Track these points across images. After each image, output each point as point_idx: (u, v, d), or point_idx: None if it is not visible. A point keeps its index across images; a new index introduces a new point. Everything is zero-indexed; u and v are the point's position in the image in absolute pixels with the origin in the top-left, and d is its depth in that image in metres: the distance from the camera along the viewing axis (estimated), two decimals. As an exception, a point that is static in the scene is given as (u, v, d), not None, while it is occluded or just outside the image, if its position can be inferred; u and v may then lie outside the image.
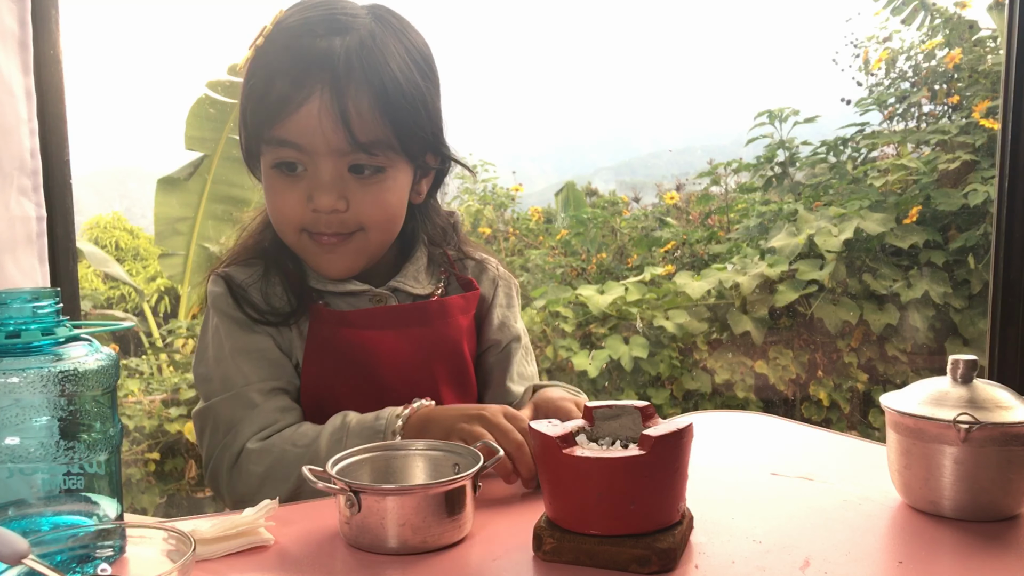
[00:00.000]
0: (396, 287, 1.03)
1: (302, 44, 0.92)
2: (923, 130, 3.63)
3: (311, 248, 0.98)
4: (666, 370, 3.22)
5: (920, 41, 3.74)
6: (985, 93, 3.39)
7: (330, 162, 0.93)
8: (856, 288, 3.24)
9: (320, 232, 0.96)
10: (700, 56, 59.70)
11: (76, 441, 0.64)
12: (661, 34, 59.72)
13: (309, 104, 0.90)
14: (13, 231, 1.58)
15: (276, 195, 0.97)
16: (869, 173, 3.57)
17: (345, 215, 0.95)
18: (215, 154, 3.80)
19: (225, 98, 3.75)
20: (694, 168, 4.08)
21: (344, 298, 1.02)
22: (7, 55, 1.55)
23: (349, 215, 0.95)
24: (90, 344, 0.67)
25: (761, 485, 0.83)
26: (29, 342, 0.63)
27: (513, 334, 1.11)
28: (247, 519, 0.70)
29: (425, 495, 0.67)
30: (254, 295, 1.00)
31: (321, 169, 0.93)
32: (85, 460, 0.65)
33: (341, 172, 0.94)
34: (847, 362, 3.22)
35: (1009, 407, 0.72)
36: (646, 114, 29.58)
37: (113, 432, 0.68)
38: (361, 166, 0.94)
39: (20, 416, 0.62)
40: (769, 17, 59.35)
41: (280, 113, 0.91)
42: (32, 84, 1.60)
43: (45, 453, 0.63)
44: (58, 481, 0.64)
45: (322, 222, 0.95)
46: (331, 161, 0.93)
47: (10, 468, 0.63)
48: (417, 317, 1.01)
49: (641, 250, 3.85)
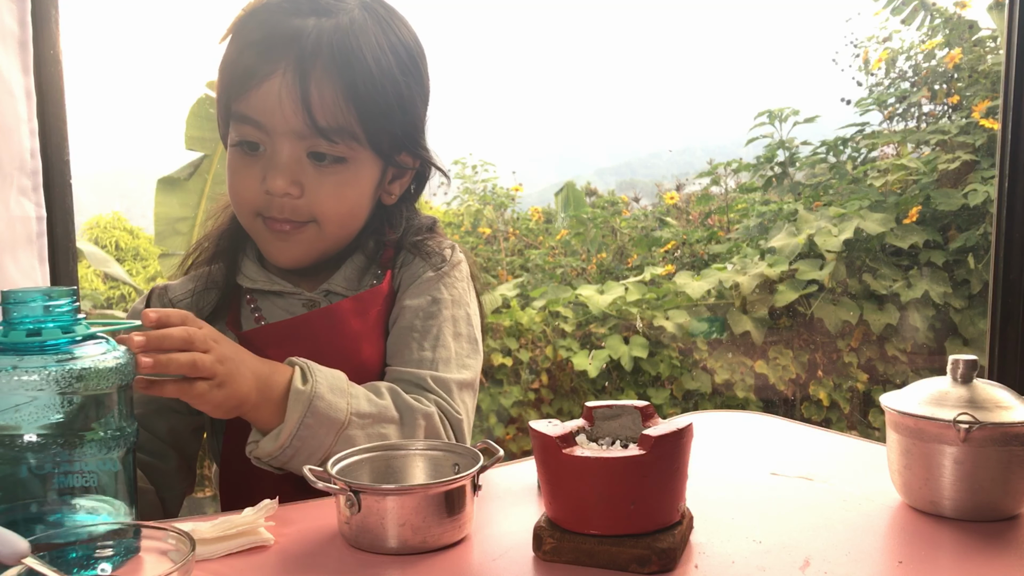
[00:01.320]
0: (328, 290, 1.00)
1: (276, 20, 0.90)
2: (923, 130, 3.63)
3: (264, 233, 0.95)
4: (666, 370, 3.22)
5: (920, 41, 3.74)
6: (985, 93, 3.39)
7: (288, 144, 0.90)
8: (856, 288, 3.24)
9: (272, 216, 0.93)
10: (700, 56, 58.79)
11: (93, 439, 0.65)
12: (661, 34, 58.86)
13: (272, 80, 0.88)
14: (13, 231, 1.58)
15: (233, 174, 0.95)
16: (869, 173, 3.57)
17: (298, 202, 0.92)
18: (215, 154, 3.80)
19: (225, 98, 3.74)
20: (694, 168, 4.08)
21: (273, 299, 1.00)
22: (7, 55, 1.55)
23: (302, 202, 0.92)
24: (107, 343, 0.68)
25: (761, 485, 0.83)
26: (47, 340, 0.64)
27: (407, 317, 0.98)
28: (246, 519, 0.70)
29: (425, 495, 0.67)
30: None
31: (279, 150, 0.91)
32: (102, 458, 0.65)
33: (299, 156, 0.91)
34: (847, 362, 3.21)
35: (1009, 407, 0.72)
36: (646, 114, 29.20)
37: (129, 430, 0.68)
38: (322, 154, 0.91)
39: (38, 413, 0.63)
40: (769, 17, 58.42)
41: (244, 86, 0.89)
42: (32, 84, 1.60)
43: (62, 450, 0.63)
44: (74, 479, 0.65)
45: (275, 206, 0.92)
46: (289, 143, 0.90)
47: (27, 465, 0.63)
48: (303, 331, 0.95)
49: (641, 250, 3.85)
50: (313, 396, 0.81)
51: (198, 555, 0.66)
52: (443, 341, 0.97)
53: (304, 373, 0.83)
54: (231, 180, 0.95)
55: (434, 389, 0.93)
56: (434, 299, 0.99)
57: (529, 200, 4.71)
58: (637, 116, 56.45)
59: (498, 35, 69.34)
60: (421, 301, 0.98)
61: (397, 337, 0.98)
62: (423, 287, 0.99)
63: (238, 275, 1.01)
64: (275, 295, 1.00)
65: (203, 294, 1.01)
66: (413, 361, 0.95)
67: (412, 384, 0.93)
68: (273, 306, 1.00)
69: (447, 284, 1.01)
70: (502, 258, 4.06)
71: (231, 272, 1.02)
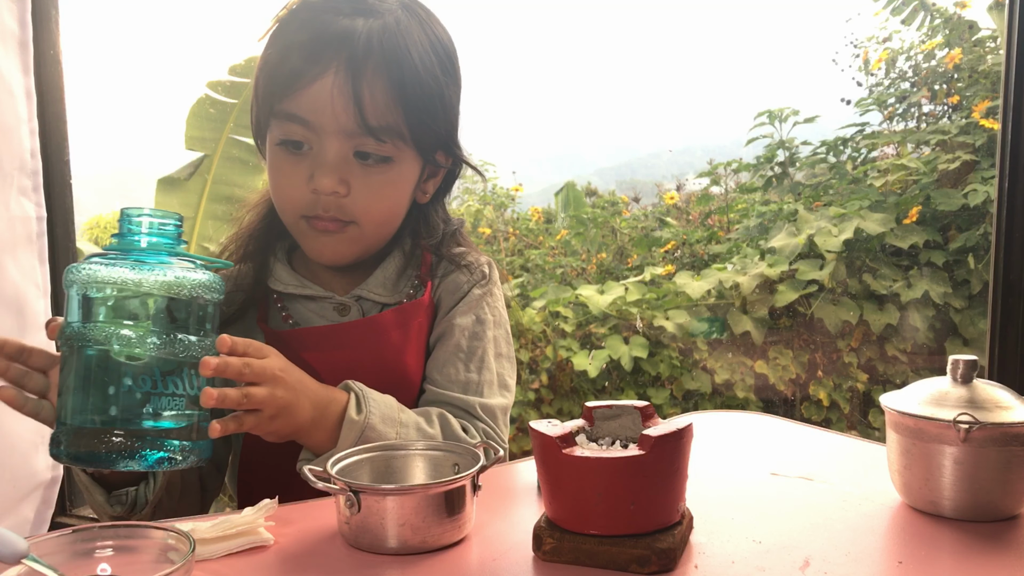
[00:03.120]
0: (360, 295, 1.00)
1: (324, 20, 0.90)
2: (923, 130, 3.63)
3: (308, 232, 0.96)
4: (666, 370, 3.22)
5: (920, 41, 3.74)
6: (985, 93, 3.39)
7: (336, 142, 0.91)
8: (856, 288, 3.24)
9: (317, 216, 0.94)
10: (700, 56, 58.62)
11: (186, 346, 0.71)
12: (661, 34, 58.69)
13: (323, 79, 0.89)
14: (13, 231, 1.58)
15: (278, 173, 0.95)
16: (869, 173, 3.57)
17: (344, 200, 0.93)
18: (215, 154, 3.80)
19: (225, 98, 3.75)
20: (694, 168, 4.08)
21: (304, 302, 1.00)
22: (7, 55, 1.55)
23: (347, 201, 0.93)
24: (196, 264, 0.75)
25: (761, 485, 0.83)
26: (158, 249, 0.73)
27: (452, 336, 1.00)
28: (246, 519, 0.70)
29: (425, 495, 0.67)
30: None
31: (326, 148, 0.91)
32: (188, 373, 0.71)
33: (346, 155, 0.92)
34: (847, 362, 3.21)
35: (1009, 407, 0.72)
36: (646, 114, 28.87)
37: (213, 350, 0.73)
38: (366, 153, 0.92)
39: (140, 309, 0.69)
40: (769, 17, 58.47)
41: (292, 86, 0.90)
42: (32, 84, 1.60)
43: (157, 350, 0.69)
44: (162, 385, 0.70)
45: (320, 204, 0.93)
46: (337, 141, 0.91)
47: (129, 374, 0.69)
48: (343, 339, 0.96)
49: (641, 250, 3.85)
50: (365, 427, 0.84)
51: (198, 555, 0.66)
52: (487, 363, 1.01)
53: (359, 402, 0.86)
54: (275, 179, 0.96)
55: (482, 417, 0.97)
56: (478, 319, 1.02)
57: (529, 200, 4.71)
58: (637, 116, 55.57)
59: (498, 35, 68.78)
60: (467, 321, 1.01)
61: (443, 355, 1.00)
62: (470, 305, 1.02)
63: (269, 278, 1.02)
64: (305, 299, 1.01)
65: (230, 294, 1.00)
66: (459, 383, 0.99)
67: (461, 410, 0.96)
68: (304, 309, 1.00)
69: (489, 304, 1.04)
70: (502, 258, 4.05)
71: (260, 274, 1.02)
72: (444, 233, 1.06)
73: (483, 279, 1.04)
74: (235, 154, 3.77)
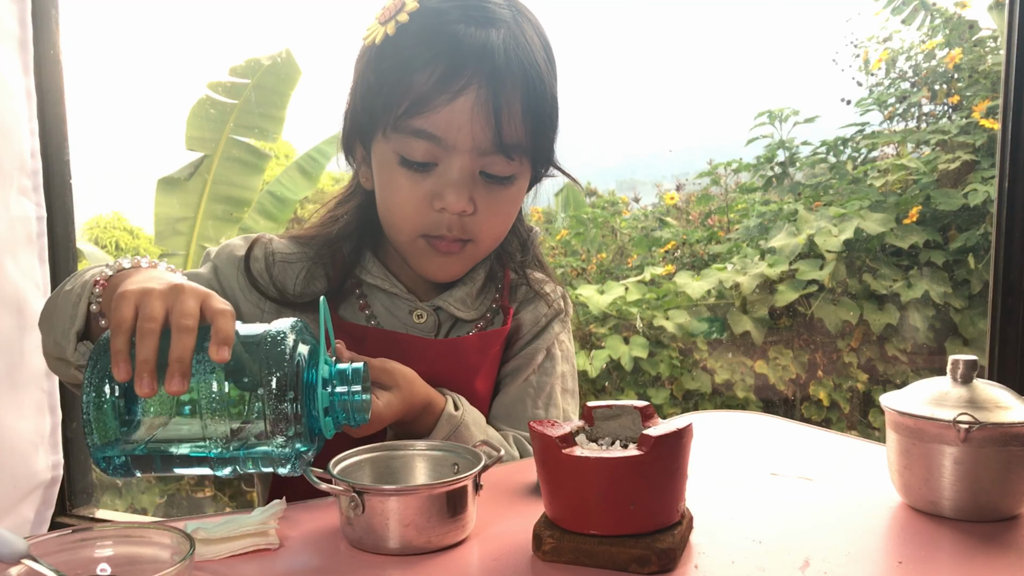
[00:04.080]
0: (440, 305, 0.99)
1: (454, 32, 0.85)
2: (923, 130, 3.63)
3: (426, 251, 0.93)
4: (666, 370, 3.22)
5: (920, 41, 3.74)
6: (985, 93, 3.39)
7: (466, 160, 0.87)
8: (856, 288, 3.24)
9: (440, 235, 0.90)
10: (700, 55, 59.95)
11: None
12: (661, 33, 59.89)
13: (464, 97, 0.84)
14: (13, 231, 1.58)
15: (397, 191, 0.90)
16: (869, 173, 3.57)
17: (468, 219, 0.90)
18: (215, 154, 3.80)
19: (225, 98, 3.75)
20: (694, 168, 4.07)
21: (382, 297, 0.99)
22: (7, 55, 1.55)
23: (471, 220, 0.90)
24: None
25: (761, 485, 0.83)
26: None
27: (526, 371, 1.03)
28: (255, 520, 0.69)
29: (429, 495, 0.67)
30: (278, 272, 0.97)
31: (454, 167, 0.87)
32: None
33: (473, 173, 0.88)
34: (847, 362, 3.21)
35: (1009, 407, 0.72)
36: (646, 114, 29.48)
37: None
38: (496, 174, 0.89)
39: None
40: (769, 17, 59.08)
41: (428, 103, 0.84)
42: (32, 84, 1.61)
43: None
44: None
45: (444, 223, 0.89)
46: (468, 160, 0.87)
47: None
48: (423, 352, 0.95)
49: (641, 250, 3.85)
50: (460, 423, 0.89)
51: (203, 555, 0.66)
52: (555, 400, 1.03)
53: (456, 403, 0.91)
54: (393, 197, 0.91)
55: None
56: (550, 354, 1.04)
57: (529, 200, 4.70)
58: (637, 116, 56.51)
59: (498, 35, 68.97)
60: (540, 355, 1.03)
61: (513, 387, 1.02)
62: (546, 339, 1.04)
63: (358, 267, 0.99)
64: (384, 292, 0.99)
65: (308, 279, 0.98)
66: (527, 419, 1.00)
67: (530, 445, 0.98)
68: (380, 303, 0.99)
69: (561, 340, 1.06)
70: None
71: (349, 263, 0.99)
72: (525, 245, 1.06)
73: (561, 313, 1.06)
74: (235, 154, 3.77)
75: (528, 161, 0.91)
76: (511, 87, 0.85)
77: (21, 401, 1.55)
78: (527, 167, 0.92)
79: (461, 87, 0.84)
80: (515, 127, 0.87)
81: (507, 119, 0.86)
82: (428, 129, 0.86)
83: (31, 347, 1.59)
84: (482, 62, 0.84)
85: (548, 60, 0.91)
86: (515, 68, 0.85)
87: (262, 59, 3.64)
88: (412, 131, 0.86)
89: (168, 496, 3.40)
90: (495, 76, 0.84)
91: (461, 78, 0.84)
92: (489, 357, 1.00)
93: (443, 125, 0.85)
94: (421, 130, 0.86)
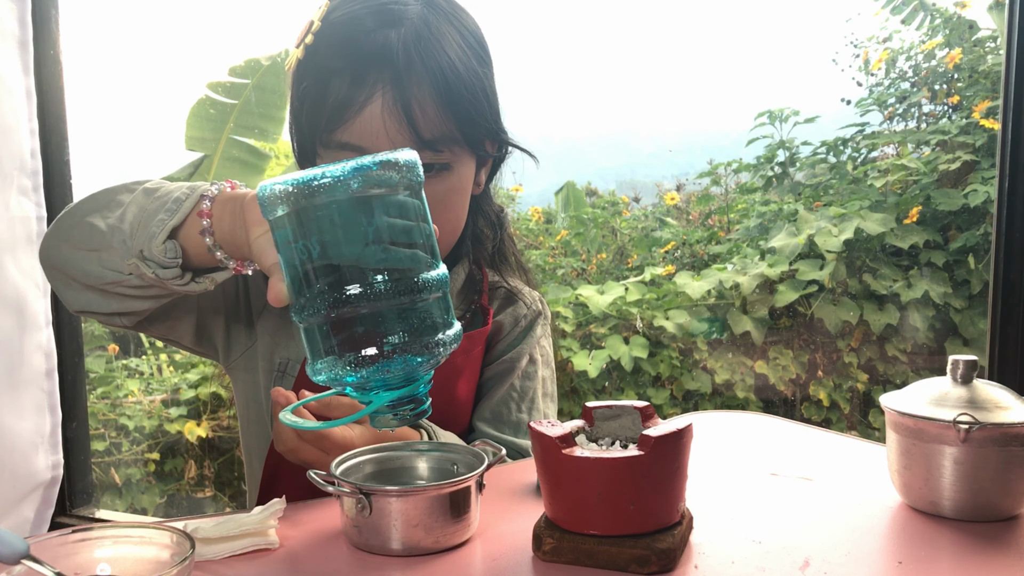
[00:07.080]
0: None
1: (355, 40, 0.86)
2: (923, 130, 3.63)
3: None
4: (666, 370, 3.22)
5: (920, 41, 3.74)
6: (985, 93, 3.39)
7: None
8: (856, 288, 3.24)
9: None
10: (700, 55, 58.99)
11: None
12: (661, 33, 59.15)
13: (371, 105, 0.85)
14: (13, 231, 1.58)
15: None
16: (869, 173, 3.57)
17: None
18: (215, 154, 3.80)
19: (225, 99, 3.75)
20: (694, 168, 4.07)
21: None
22: (7, 55, 1.55)
23: None
24: None
25: (761, 485, 0.83)
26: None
27: (510, 376, 1.04)
28: (254, 520, 0.69)
29: (438, 495, 0.67)
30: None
31: None
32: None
33: None
34: (847, 362, 3.21)
35: (1009, 407, 0.72)
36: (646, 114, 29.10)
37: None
38: (428, 164, 0.89)
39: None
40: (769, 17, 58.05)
41: (341, 116, 0.86)
42: (32, 84, 1.61)
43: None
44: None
45: None
46: None
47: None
48: None
49: (641, 250, 3.85)
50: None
51: (203, 555, 0.66)
52: (536, 403, 1.05)
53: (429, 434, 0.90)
54: None
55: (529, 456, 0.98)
56: (532, 359, 1.06)
57: (529, 200, 4.70)
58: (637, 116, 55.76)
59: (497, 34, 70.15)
60: (523, 360, 1.05)
61: (496, 392, 1.03)
62: (528, 344, 1.05)
63: None
64: None
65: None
66: (511, 423, 1.02)
67: (514, 451, 1.00)
68: None
69: (541, 345, 1.07)
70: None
71: None
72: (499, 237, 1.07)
73: (540, 315, 1.08)
74: (235, 154, 3.77)
75: (463, 148, 0.92)
76: (418, 84, 0.86)
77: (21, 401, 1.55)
78: (463, 153, 0.93)
79: (367, 95, 0.85)
80: (432, 121, 0.87)
81: (420, 116, 0.86)
82: (350, 141, 0.88)
83: (31, 347, 1.59)
84: (382, 66, 0.85)
85: (466, 46, 0.91)
86: (419, 64, 0.86)
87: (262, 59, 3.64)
88: (337, 145, 0.89)
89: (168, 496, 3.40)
90: (397, 77, 0.85)
91: (366, 85, 0.85)
92: (472, 358, 1.01)
93: (360, 134, 0.87)
94: (345, 143, 0.88)
